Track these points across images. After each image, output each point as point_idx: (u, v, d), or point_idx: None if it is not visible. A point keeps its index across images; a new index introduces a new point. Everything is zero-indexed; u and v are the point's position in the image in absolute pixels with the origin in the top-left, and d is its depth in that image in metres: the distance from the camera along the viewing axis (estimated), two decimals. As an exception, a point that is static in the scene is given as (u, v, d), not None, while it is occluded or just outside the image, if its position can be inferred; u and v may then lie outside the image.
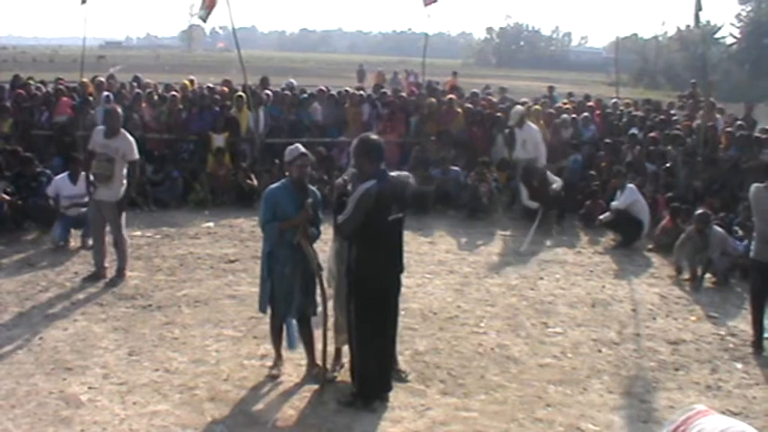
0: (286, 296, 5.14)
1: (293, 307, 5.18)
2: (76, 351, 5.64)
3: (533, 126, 11.15)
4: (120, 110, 7.70)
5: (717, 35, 51.11)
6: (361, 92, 13.82)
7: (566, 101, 15.01)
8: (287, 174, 5.26)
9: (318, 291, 5.19)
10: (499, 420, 4.79)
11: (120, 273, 7.49)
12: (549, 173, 10.47)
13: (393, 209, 4.80)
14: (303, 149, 5.17)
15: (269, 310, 5.28)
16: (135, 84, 13.86)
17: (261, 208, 5.15)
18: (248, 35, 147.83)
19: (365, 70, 27.26)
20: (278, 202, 5.05)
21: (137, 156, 7.39)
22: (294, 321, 5.32)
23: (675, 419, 1.57)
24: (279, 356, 5.41)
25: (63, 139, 11.12)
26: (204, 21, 11.50)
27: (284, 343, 5.40)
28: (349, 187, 5.02)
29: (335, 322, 5.29)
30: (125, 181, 7.32)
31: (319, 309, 5.29)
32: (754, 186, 6.25)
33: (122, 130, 7.33)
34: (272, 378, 5.26)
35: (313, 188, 5.30)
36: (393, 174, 4.94)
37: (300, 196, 5.08)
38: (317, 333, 5.31)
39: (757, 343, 6.23)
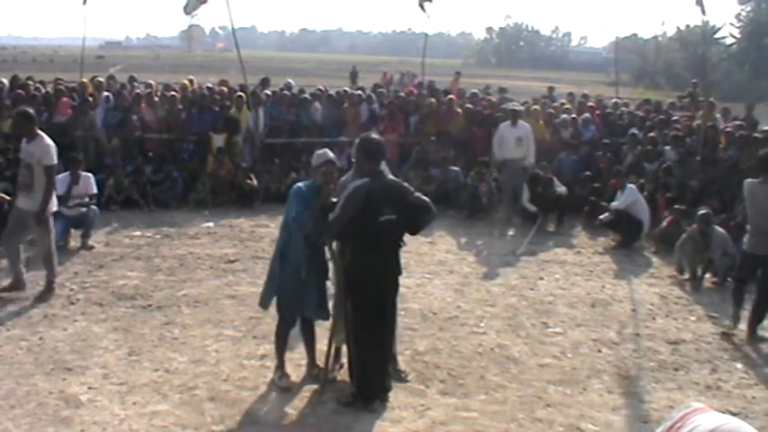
0: (298, 300, 5.09)
1: (307, 312, 5.13)
2: (76, 351, 5.63)
3: (526, 124, 11.05)
4: (30, 111, 7.04)
5: (717, 35, 51.11)
6: (360, 92, 13.83)
7: (564, 101, 15.00)
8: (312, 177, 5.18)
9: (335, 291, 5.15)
10: (499, 420, 4.80)
11: (49, 286, 6.90)
12: (555, 179, 10.46)
13: (385, 210, 4.76)
14: (330, 156, 5.05)
15: (270, 309, 5.25)
16: (134, 84, 13.85)
17: (290, 203, 4.99)
18: (248, 35, 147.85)
19: (357, 71, 27.08)
20: (305, 198, 4.93)
21: (53, 161, 6.71)
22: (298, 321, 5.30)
23: (672, 416, 1.58)
24: (282, 365, 5.25)
25: (62, 139, 11.10)
26: (187, 13, 11.33)
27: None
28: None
29: (334, 322, 5.28)
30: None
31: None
32: (748, 181, 6.42)
33: (40, 134, 6.77)
34: (284, 390, 5.10)
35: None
36: (390, 177, 4.95)
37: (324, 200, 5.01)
38: (317, 333, 5.32)
39: (735, 327, 6.52)
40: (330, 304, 5.20)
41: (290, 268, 5.04)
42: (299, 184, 5.19)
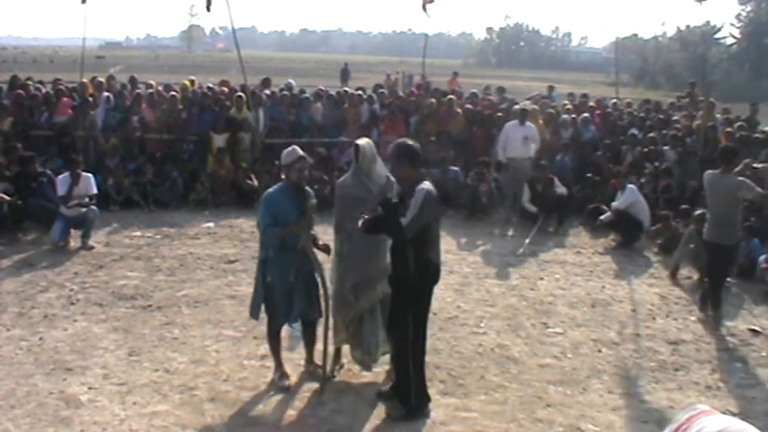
0: (287, 303, 5.08)
1: (294, 313, 5.14)
2: (76, 351, 5.64)
3: (533, 125, 11.13)
4: None
5: (717, 35, 51.11)
6: (361, 92, 13.83)
7: (566, 101, 14.98)
8: (284, 176, 5.15)
9: (321, 292, 5.15)
10: (499, 421, 4.79)
11: None
12: (555, 179, 10.48)
13: (439, 210, 4.81)
14: (301, 152, 5.07)
15: (261, 316, 5.22)
16: (131, 84, 13.80)
17: (260, 212, 5.05)
18: (248, 35, 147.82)
19: (349, 70, 26.76)
20: (277, 206, 4.95)
21: None
22: (297, 324, 5.29)
23: (679, 418, 1.57)
24: (280, 364, 5.26)
25: (62, 139, 11.13)
26: (208, 9, 11.18)
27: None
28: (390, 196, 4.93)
29: (334, 321, 5.26)
30: None
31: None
32: (708, 173, 6.76)
33: None
34: (285, 390, 5.11)
35: (309, 189, 5.23)
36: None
37: (299, 199, 5.00)
38: (317, 333, 5.32)
39: (707, 307, 6.84)
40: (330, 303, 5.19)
41: (277, 273, 5.02)
42: (270, 189, 5.12)
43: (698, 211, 8.16)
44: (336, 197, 5.21)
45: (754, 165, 7.58)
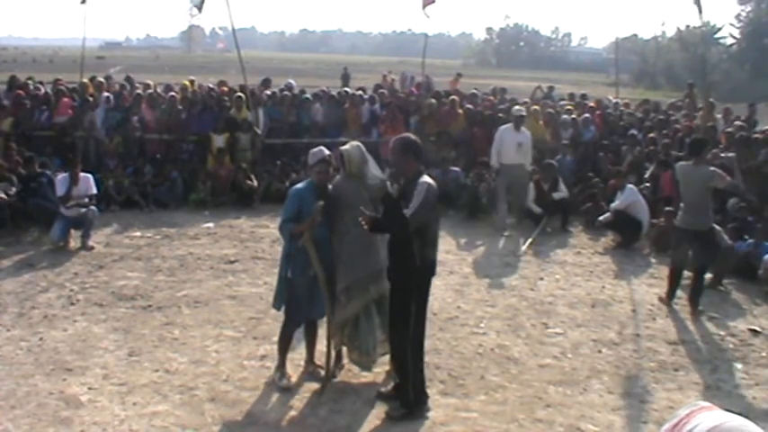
0: (308, 299, 5.09)
1: (317, 308, 5.15)
2: (76, 352, 5.64)
3: (527, 131, 10.79)
4: None
5: (717, 35, 51.13)
6: (361, 92, 13.84)
7: (566, 101, 14.99)
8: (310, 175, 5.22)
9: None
10: (499, 421, 4.79)
11: None
12: (560, 180, 10.45)
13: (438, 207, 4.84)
14: (325, 154, 5.11)
15: (271, 310, 5.23)
16: (127, 85, 13.78)
17: (285, 205, 5.09)
18: (248, 36, 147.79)
19: (349, 73, 26.70)
20: (303, 203, 4.97)
21: None
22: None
23: (678, 414, 1.58)
24: (283, 364, 5.25)
25: (63, 139, 11.13)
26: (200, 10, 11.18)
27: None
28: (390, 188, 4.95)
29: (332, 324, 5.24)
30: None
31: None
32: (680, 164, 7.20)
33: None
34: (284, 390, 5.11)
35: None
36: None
37: (324, 198, 5.01)
38: (318, 334, 5.33)
39: (669, 299, 7.21)
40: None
41: (298, 269, 5.04)
42: (298, 185, 5.21)
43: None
44: (331, 198, 5.20)
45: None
